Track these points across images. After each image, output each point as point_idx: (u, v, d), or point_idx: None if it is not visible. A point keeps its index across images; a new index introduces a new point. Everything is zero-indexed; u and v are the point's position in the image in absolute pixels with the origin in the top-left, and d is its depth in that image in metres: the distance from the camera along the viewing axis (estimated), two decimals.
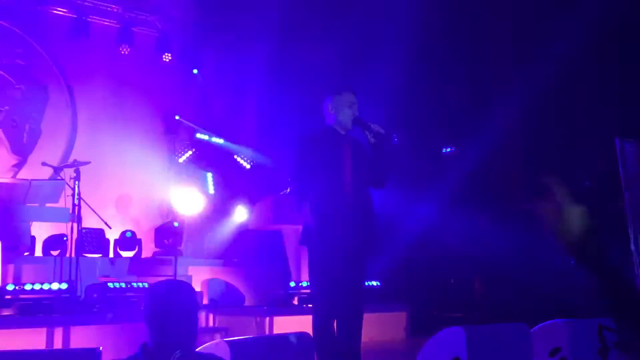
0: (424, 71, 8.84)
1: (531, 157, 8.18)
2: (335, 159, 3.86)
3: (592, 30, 6.60)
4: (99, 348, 2.59)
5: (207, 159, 10.12)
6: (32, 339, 5.27)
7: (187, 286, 2.11)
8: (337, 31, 9.02)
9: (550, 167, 7.61)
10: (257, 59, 10.69)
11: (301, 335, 3.33)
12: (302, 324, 5.56)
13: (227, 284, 7.88)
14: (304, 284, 6.56)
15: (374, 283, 7.22)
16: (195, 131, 10.08)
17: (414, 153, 9.09)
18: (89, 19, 9.68)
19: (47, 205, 6.54)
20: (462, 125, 8.73)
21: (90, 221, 7.83)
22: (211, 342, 2.94)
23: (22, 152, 9.11)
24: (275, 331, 6.07)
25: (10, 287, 5.55)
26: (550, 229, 1.30)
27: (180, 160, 9.88)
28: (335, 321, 3.81)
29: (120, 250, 8.51)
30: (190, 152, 9.95)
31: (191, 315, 2.01)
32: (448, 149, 9.00)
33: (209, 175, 10.02)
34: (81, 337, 5.47)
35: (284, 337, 3.38)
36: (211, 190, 9.87)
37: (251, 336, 5.01)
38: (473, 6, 8.56)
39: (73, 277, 6.34)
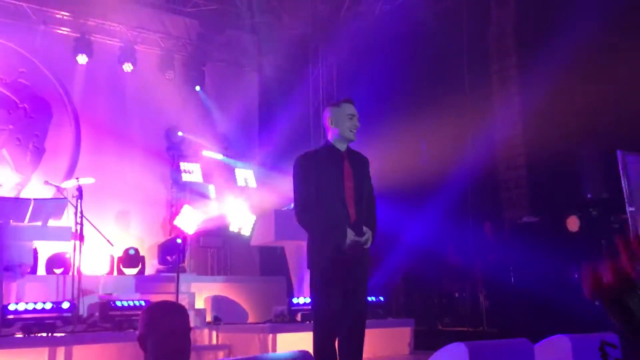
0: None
1: (533, 168, 8.16)
2: (336, 177, 3.87)
3: (586, 44, 6.61)
4: None
5: (210, 175, 10.14)
6: (34, 358, 5.26)
7: (180, 307, 2.11)
8: None
9: (552, 179, 7.60)
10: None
11: (301, 353, 3.30)
12: (305, 340, 5.53)
13: (230, 301, 7.86)
14: (307, 300, 6.53)
15: (378, 298, 7.17)
16: (198, 147, 10.11)
17: None
18: (92, 38, 9.76)
19: (50, 223, 6.54)
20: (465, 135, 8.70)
21: (93, 239, 7.83)
22: None
23: (25, 170, 9.15)
24: (279, 348, 6.04)
25: (12, 307, 5.54)
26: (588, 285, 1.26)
27: (183, 176, 9.89)
28: (337, 338, 3.78)
29: (124, 267, 8.50)
30: (193, 169, 9.97)
31: (185, 336, 2.01)
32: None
33: (212, 191, 10.03)
34: (83, 356, 5.45)
35: (283, 356, 3.35)
36: (214, 206, 9.88)
37: (251, 355, 4.98)
38: None
39: (75, 296, 6.33)
